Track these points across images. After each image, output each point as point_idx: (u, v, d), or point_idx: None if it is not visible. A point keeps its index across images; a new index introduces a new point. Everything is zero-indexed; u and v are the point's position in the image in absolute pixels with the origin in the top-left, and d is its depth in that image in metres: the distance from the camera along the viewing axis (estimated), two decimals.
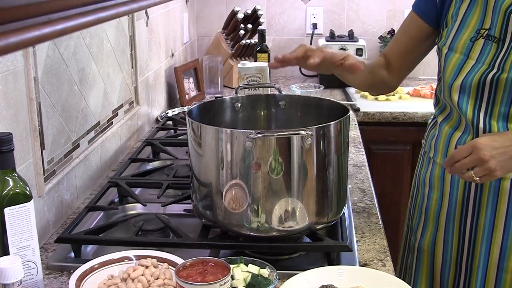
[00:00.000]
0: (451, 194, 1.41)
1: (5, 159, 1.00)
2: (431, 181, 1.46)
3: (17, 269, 0.92)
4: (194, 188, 1.26)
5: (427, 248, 1.48)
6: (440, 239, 1.44)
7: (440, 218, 1.44)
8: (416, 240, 1.51)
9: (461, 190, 1.38)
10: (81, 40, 1.53)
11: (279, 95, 1.47)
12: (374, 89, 1.61)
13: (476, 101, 1.31)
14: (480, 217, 1.36)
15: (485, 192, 1.34)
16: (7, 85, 1.17)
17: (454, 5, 1.36)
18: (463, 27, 1.34)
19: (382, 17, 3.04)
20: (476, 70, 1.30)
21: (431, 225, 1.46)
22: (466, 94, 1.32)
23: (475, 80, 1.29)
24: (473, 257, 1.39)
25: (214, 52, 2.84)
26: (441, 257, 1.45)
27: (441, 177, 1.43)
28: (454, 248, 1.42)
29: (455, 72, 1.33)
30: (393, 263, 1.26)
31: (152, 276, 1.07)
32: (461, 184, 1.38)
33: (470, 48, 1.32)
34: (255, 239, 1.21)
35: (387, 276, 1.11)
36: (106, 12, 0.53)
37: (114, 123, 1.80)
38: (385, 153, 2.51)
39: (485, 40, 1.30)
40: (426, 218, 1.48)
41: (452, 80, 1.34)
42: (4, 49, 0.39)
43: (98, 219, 1.42)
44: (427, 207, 1.47)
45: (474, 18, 1.32)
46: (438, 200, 1.44)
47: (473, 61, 1.31)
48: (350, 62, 1.28)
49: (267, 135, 1.12)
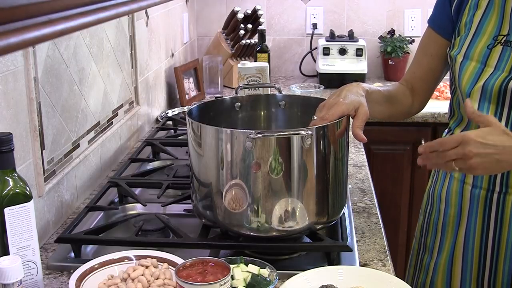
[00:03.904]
0: (470, 210, 1.35)
1: (5, 159, 1.00)
2: (447, 197, 1.40)
3: (17, 269, 0.92)
4: (194, 188, 1.26)
5: (443, 267, 1.41)
6: (458, 258, 1.38)
7: (459, 235, 1.38)
8: (431, 259, 1.44)
9: (481, 205, 1.32)
10: (81, 40, 1.53)
11: (279, 95, 1.47)
12: (394, 117, 1.56)
13: (497, 109, 1.26)
14: (502, 233, 1.31)
15: (508, 208, 1.29)
16: (7, 85, 1.17)
17: (468, 13, 1.33)
18: (478, 34, 1.30)
19: (382, 17, 3.04)
20: (496, 77, 1.25)
21: (448, 243, 1.40)
22: (486, 102, 1.27)
23: (495, 88, 1.24)
24: (495, 275, 1.33)
25: (214, 52, 2.84)
26: (460, 277, 1.39)
27: (460, 192, 1.37)
28: (475, 266, 1.36)
29: (473, 80, 1.28)
30: (393, 263, 1.26)
31: (152, 276, 1.07)
32: (481, 199, 1.32)
33: (487, 55, 1.27)
34: (255, 239, 1.21)
35: (387, 276, 1.11)
36: (106, 12, 0.53)
37: (114, 123, 1.80)
38: (385, 153, 2.51)
39: (504, 46, 1.26)
40: (443, 236, 1.41)
41: (470, 88, 1.29)
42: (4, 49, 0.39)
43: (98, 219, 1.42)
44: (444, 224, 1.41)
45: (490, 24, 1.29)
46: (456, 216, 1.38)
47: (491, 69, 1.26)
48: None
49: (267, 135, 1.12)
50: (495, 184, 1.30)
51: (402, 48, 2.90)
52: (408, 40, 2.93)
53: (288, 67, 3.15)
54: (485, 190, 1.32)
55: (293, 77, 3.10)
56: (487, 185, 1.31)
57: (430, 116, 2.43)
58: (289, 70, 3.15)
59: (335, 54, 2.85)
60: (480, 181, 1.32)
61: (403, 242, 2.56)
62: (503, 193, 1.29)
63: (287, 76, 3.13)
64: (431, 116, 2.43)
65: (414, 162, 2.53)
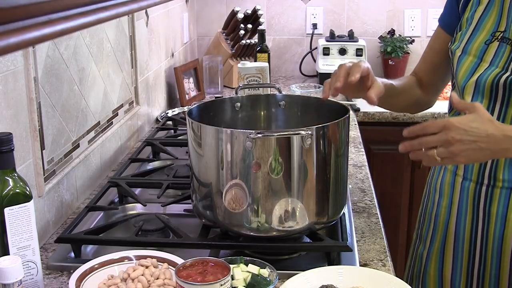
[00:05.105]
0: (460, 201, 1.37)
1: (5, 159, 1.00)
2: (441, 188, 1.43)
3: (17, 269, 0.92)
4: (194, 188, 1.26)
5: (435, 257, 1.44)
6: (449, 248, 1.41)
7: (449, 226, 1.40)
8: (425, 248, 1.47)
9: (470, 197, 1.35)
10: (81, 40, 1.53)
11: (279, 95, 1.47)
12: (410, 109, 1.60)
13: (490, 103, 1.28)
14: (490, 226, 1.32)
15: (495, 201, 1.31)
16: (7, 85, 1.17)
17: (470, 9, 1.35)
18: (478, 30, 1.32)
19: (382, 17, 3.04)
20: (489, 73, 1.27)
21: (440, 233, 1.43)
22: (479, 96, 1.29)
23: (488, 82, 1.27)
24: (485, 266, 1.35)
25: (214, 52, 2.84)
26: (451, 266, 1.41)
27: (452, 184, 1.39)
28: (465, 256, 1.38)
29: (468, 74, 1.31)
30: (393, 263, 1.26)
31: (152, 276, 1.07)
32: (470, 191, 1.34)
33: (484, 50, 1.30)
34: (255, 239, 1.21)
35: (387, 276, 1.11)
36: (106, 12, 0.53)
37: (114, 123, 1.80)
38: (385, 153, 2.51)
39: (500, 42, 1.28)
40: (435, 226, 1.44)
41: (465, 82, 1.31)
42: (4, 49, 0.39)
43: (98, 219, 1.42)
44: (436, 215, 1.44)
45: (490, 21, 1.31)
46: (447, 207, 1.40)
47: (486, 64, 1.29)
48: (369, 95, 1.24)
49: (267, 135, 1.12)
50: (483, 177, 1.32)
51: (402, 48, 2.90)
52: (408, 40, 2.93)
53: (288, 67, 3.15)
54: (474, 182, 1.34)
55: (293, 77, 3.10)
56: (476, 178, 1.33)
57: (430, 116, 2.43)
58: (289, 70, 3.15)
59: (335, 54, 2.85)
60: (470, 173, 1.34)
61: (403, 242, 2.56)
62: (491, 186, 1.31)
63: (287, 76, 3.13)
64: (431, 116, 2.43)
65: (414, 162, 2.53)
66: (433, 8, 2.99)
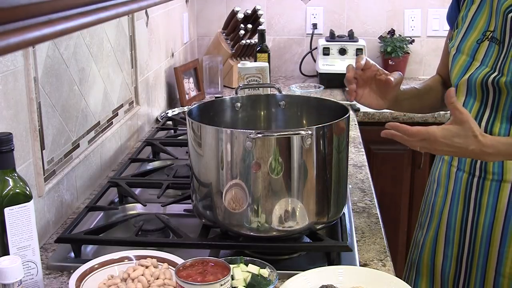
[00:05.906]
0: (454, 191, 1.41)
1: (5, 159, 1.00)
2: (439, 177, 1.47)
3: (17, 269, 0.92)
4: (194, 188, 1.26)
5: (429, 244, 1.48)
6: (442, 236, 1.45)
7: (443, 214, 1.44)
8: (422, 235, 1.52)
9: (463, 188, 1.38)
10: (81, 40, 1.53)
11: (279, 95, 1.47)
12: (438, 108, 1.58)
13: (481, 103, 1.31)
14: (480, 216, 1.36)
15: (486, 193, 1.34)
16: (7, 85, 1.17)
17: (465, 7, 1.38)
18: (471, 28, 1.35)
19: (382, 17, 3.04)
20: (480, 72, 1.30)
21: (435, 221, 1.47)
22: (472, 96, 1.33)
23: (478, 82, 1.30)
24: (473, 256, 1.39)
25: (214, 52, 2.84)
26: (442, 253, 1.45)
27: (447, 174, 1.43)
28: (455, 245, 1.42)
29: (461, 73, 1.34)
30: (393, 263, 1.26)
31: (152, 276, 1.07)
32: (463, 181, 1.38)
33: (476, 49, 1.33)
34: (255, 239, 1.21)
35: (387, 276, 1.11)
36: (106, 12, 0.53)
37: (114, 123, 1.80)
38: (385, 153, 2.50)
39: (490, 42, 1.30)
40: (432, 214, 1.48)
41: (458, 80, 1.35)
42: (5, 49, 0.39)
43: (98, 219, 1.42)
44: (433, 204, 1.48)
45: (481, 20, 1.33)
46: (443, 197, 1.45)
47: (478, 63, 1.32)
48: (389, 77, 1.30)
49: (267, 135, 1.12)
50: (475, 168, 1.35)
51: (402, 48, 2.90)
52: (408, 40, 2.93)
53: (288, 67, 3.15)
54: (467, 173, 1.37)
55: (293, 77, 3.10)
56: (469, 169, 1.37)
57: (430, 116, 2.43)
58: (289, 70, 3.15)
59: (335, 54, 2.85)
60: (463, 165, 1.38)
61: (403, 242, 2.56)
62: (482, 178, 1.34)
63: (287, 76, 3.13)
64: (431, 116, 2.43)
65: (414, 162, 2.54)
66: (433, 8, 2.99)
